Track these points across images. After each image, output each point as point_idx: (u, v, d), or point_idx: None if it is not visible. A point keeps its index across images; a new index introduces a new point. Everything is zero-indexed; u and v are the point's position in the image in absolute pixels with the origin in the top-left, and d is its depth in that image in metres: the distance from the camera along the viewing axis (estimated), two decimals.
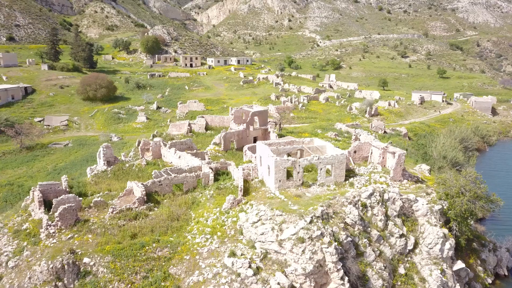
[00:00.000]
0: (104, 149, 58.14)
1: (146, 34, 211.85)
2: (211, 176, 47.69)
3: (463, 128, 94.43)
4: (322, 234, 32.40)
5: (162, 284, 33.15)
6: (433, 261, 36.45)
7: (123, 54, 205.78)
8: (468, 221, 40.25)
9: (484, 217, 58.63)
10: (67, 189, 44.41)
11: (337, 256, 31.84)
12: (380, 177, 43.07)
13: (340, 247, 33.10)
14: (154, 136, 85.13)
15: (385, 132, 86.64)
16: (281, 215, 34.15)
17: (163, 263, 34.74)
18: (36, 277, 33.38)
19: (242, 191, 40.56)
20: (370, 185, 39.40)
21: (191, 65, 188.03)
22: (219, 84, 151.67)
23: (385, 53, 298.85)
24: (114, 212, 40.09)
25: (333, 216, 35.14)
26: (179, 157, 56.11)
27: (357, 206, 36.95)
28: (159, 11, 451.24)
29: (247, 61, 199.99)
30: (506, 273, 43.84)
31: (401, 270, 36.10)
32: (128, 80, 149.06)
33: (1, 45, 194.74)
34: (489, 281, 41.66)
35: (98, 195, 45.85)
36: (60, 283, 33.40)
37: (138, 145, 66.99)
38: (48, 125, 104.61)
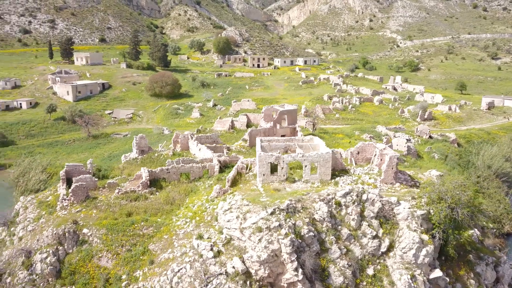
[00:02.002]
0: (138, 140, 64.78)
1: (219, 35, 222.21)
2: (217, 167, 50.99)
3: None
4: (280, 226, 33.91)
5: (141, 257, 37.38)
6: (405, 266, 35.65)
7: (197, 54, 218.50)
8: (459, 230, 38.18)
9: None
10: (90, 171, 50.98)
11: (291, 248, 33.12)
12: (370, 178, 42.67)
13: (300, 241, 34.22)
14: (198, 130, 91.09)
15: (430, 137, 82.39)
16: (247, 205, 36.29)
17: (146, 240, 38.96)
18: (42, 240, 39.74)
19: (230, 182, 43.30)
20: (349, 185, 39.57)
21: (258, 66, 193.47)
22: (279, 84, 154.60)
23: (473, 55, 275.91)
24: (120, 193, 45.42)
25: (301, 210, 36.27)
26: (199, 149, 60.39)
27: (330, 203, 37.53)
28: (241, 13, 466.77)
29: (314, 61, 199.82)
30: None
31: (370, 271, 35.93)
32: (194, 79, 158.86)
33: (94, 45, 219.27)
34: None
35: (117, 178, 51.83)
36: (61, 247, 39.31)
37: None
38: (115, 117, 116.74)
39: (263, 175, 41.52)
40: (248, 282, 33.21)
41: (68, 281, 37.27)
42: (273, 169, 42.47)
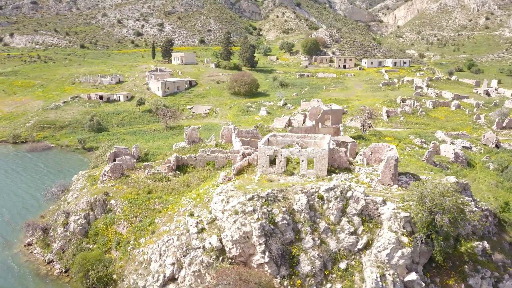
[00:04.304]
0: (189, 131, 72.28)
1: (309, 36, 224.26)
2: (239, 158, 55.17)
3: None
4: (254, 211, 36.99)
5: (147, 227, 43.75)
6: (377, 265, 35.81)
7: (286, 55, 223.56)
8: (449, 238, 36.65)
9: None
10: (134, 154, 59.27)
11: (260, 231, 36.02)
12: (366, 177, 42.81)
13: (273, 227, 36.87)
14: (256, 127, 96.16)
15: (497, 146, 75.35)
16: (232, 190, 39.97)
17: (154, 214, 45.19)
18: (79, 205, 48.56)
19: (236, 170, 47.26)
20: (334, 181, 40.56)
21: (344, 66, 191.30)
22: (358, 85, 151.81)
23: None
24: (148, 173, 52.55)
25: (281, 200, 38.73)
26: (236, 142, 65.26)
27: (313, 197, 39.23)
28: (344, 14, 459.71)
29: (405, 63, 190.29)
30: None
31: (342, 265, 36.83)
32: (275, 79, 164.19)
33: (194, 46, 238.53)
34: None
35: (156, 161, 59.35)
36: (91, 213, 47.67)
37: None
38: (194, 112, 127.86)
39: (263, 166, 44.65)
40: (220, 258, 37.14)
41: (92, 240, 45.32)
42: (274, 162, 45.24)
